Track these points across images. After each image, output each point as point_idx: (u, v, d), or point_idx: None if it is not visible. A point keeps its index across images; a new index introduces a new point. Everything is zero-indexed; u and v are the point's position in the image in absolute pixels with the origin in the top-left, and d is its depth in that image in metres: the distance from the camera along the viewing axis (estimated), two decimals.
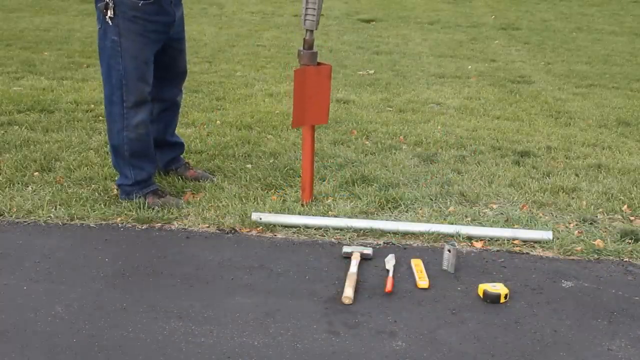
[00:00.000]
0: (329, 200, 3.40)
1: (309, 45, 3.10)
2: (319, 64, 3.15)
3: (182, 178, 3.60)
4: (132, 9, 3.03)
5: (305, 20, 3.05)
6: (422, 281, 2.63)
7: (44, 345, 2.19)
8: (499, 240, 3.02)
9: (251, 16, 10.68)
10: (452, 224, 3.15)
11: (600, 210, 3.37)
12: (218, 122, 4.72)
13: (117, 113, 3.16)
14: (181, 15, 3.31)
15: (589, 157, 4.18)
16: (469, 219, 3.24)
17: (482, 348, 2.24)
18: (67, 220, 3.13)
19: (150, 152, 3.33)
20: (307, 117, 3.21)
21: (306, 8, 3.03)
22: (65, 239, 2.97)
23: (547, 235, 3.02)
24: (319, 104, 3.19)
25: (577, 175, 3.85)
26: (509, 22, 10.81)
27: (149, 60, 3.17)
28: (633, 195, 3.52)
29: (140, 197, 3.27)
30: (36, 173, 3.63)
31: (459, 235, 3.03)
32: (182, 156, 3.71)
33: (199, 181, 3.57)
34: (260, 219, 3.12)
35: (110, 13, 3.02)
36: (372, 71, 6.90)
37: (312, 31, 3.07)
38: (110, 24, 3.04)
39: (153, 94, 3.28)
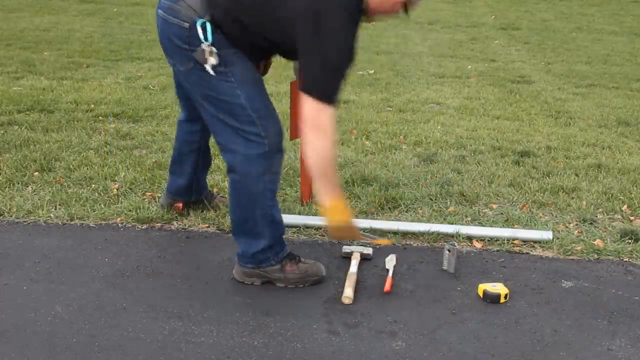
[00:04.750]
0: None
1: None
2: None
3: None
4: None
5: None
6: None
7: (44, 345, 2.19)
8: (499, 240, 3.02)
9: None
10: (452, 224, 3.15)
11: (600, 210, 3.37)
12: None
13: (254, 155, 2.43)
14: None
15: (589, 157, 4.18)
16: (469, 219, 3.24)
17: (482, 348, 2.24)
18: (67, 220, 3.13)
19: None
20: None
21: None
22: (65, 239, 2.96)
23: (547, 235, 3.02)
24: None
25: (577, 175, 3.85)
26: (509, 22, 10.81)
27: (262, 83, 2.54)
28: (633, 195, 3.52)
29: (276, 265, 2.58)
30: (36, 173, 3.63)
31: (459, 235, 3.02)
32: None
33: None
34: None
35: (213, 60, 2.32)
36: (372, 71, 6.90)
37: None
38: (213, 73, 2.35)
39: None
